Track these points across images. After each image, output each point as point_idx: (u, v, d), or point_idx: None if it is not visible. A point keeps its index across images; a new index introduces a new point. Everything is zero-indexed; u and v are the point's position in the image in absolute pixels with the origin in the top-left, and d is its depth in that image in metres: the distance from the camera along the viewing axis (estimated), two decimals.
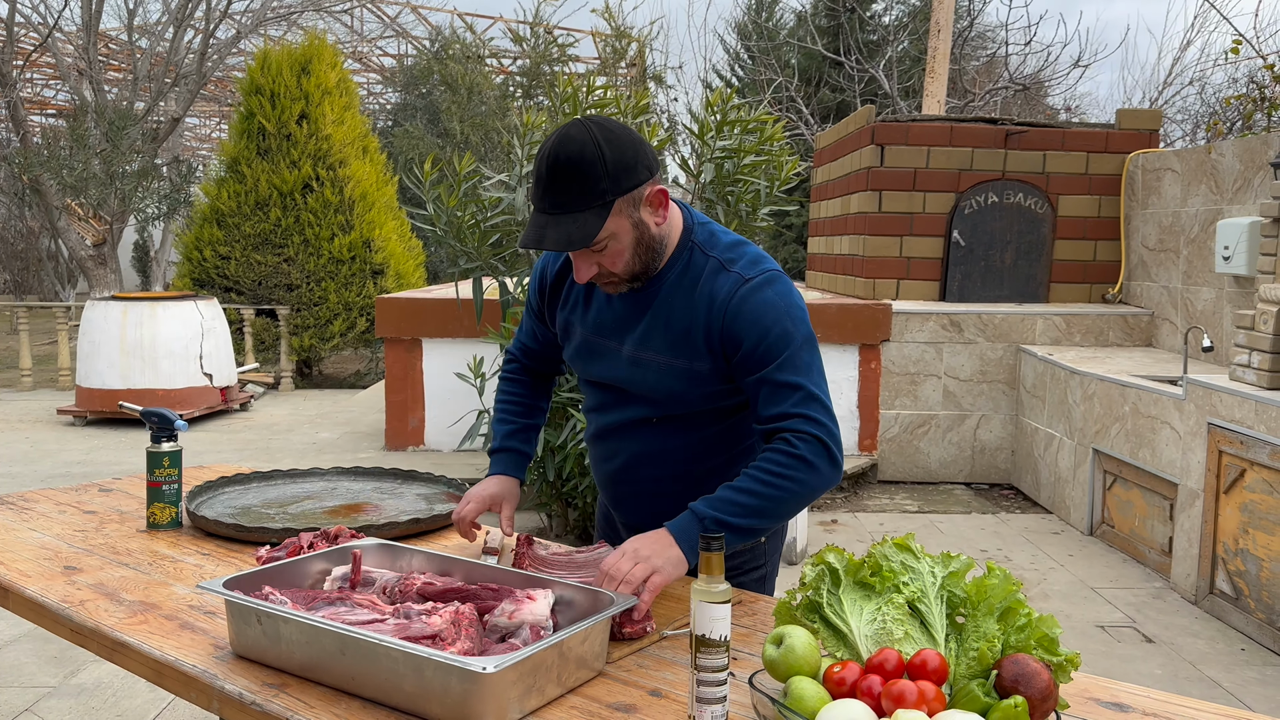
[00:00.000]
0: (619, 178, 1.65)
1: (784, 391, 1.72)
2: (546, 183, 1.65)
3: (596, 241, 1.67)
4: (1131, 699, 1.44)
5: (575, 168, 1.62)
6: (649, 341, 1.81)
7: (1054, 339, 6.65)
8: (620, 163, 1.64)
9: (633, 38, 12.95)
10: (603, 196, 1.64)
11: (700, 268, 1.79)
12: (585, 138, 1.64)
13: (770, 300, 1.74)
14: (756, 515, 1.69)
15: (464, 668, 1.27)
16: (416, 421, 6.97)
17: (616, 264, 1.73)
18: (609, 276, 1.75)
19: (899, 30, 14.53)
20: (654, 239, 1.75)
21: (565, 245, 1.65)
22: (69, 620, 1.69)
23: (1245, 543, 4.18)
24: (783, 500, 1.70)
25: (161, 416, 2.19)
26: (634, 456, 1.94)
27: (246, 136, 11.09)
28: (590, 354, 1.91)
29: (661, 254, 1.78)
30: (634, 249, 1.72)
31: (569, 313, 1.93)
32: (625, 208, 1.68)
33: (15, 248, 21.45)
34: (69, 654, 3.78)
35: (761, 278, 1.76)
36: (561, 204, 1.64)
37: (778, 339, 1.73)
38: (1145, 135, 7.07)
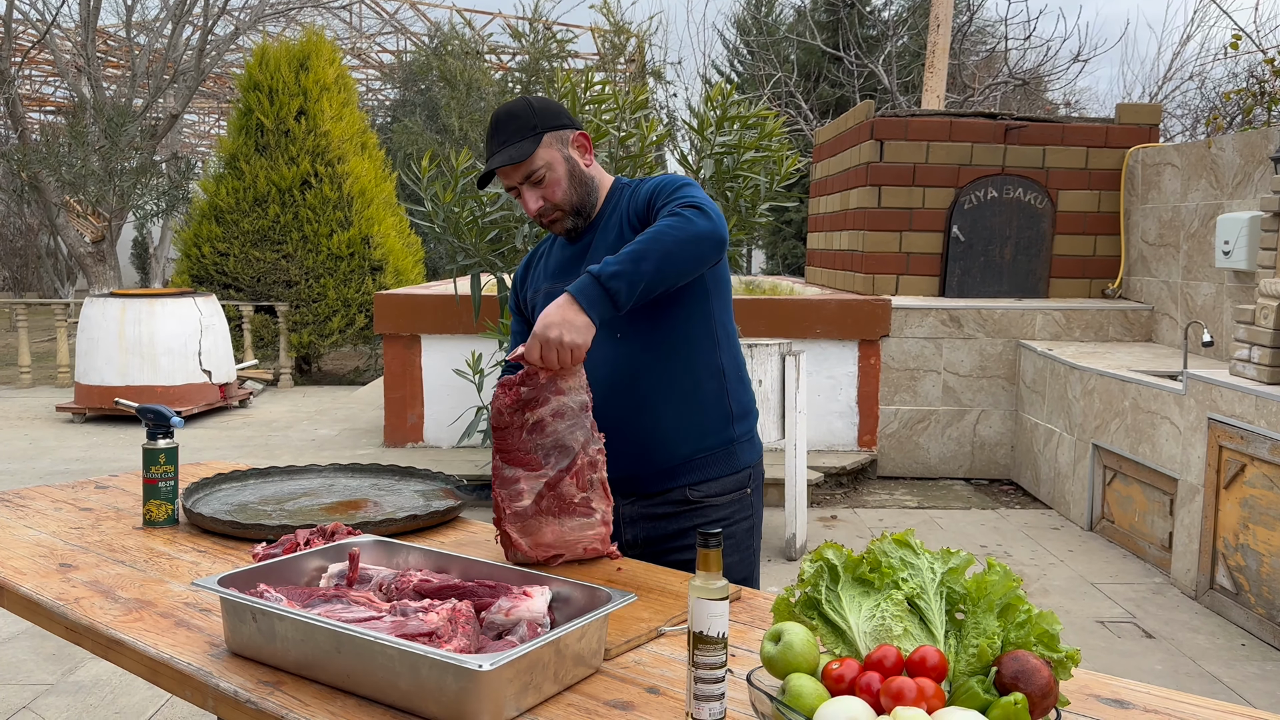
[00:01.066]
0: (545, 116, 2.02)
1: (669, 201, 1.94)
2: (491, 132, 2.03)
3: (534, 168, 2.00)
4: (1132, 695, 1.43)
5: (510, 113, 2.03)
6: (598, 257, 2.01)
7: (1054, 334, 6.64)
8: (546, 108, 2.04)
9: (632, 33, 12.93)
10: (534, 130, 2.00)
11: (627, 196, 2.09)
12: (520, 98, 2.07)
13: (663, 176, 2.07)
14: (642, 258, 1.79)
15: (460, 665, 1.26)
16: (415, 418, 6.96)
17: (556, 193, 2.03)
18: (553, 211, 2.05)
19: (898, 25, 14.50)
20: (584, 175, 2.07)
21: (506, 161, 1.98)
22: (64, 618, 1.68)
23: (1245, 538, 4.18)
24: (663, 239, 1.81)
25: (157, 413, 2.18)
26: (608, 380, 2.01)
27: (245, 133, 11.07)
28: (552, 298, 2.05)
29: (595, 192, 2.10)
30: (569, 180, 2.04)
31: (535, 279, 2.19)
32: (554, 142, 2.03)
33: (14, 245, 21.43)
34: (67, 651, 3.77)
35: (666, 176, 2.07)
36: (502, 140, 2.01)
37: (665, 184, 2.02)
38: (1145, 130, 7.06)
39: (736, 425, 2.11)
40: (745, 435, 2.14)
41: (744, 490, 2.13)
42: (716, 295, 2.07)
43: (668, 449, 2.05)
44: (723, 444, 2.09)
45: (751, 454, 2.16)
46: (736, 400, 2.12)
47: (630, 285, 1.76)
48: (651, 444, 2.04)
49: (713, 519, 2.08)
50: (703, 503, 2.08)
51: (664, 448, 2.05)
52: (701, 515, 2.07)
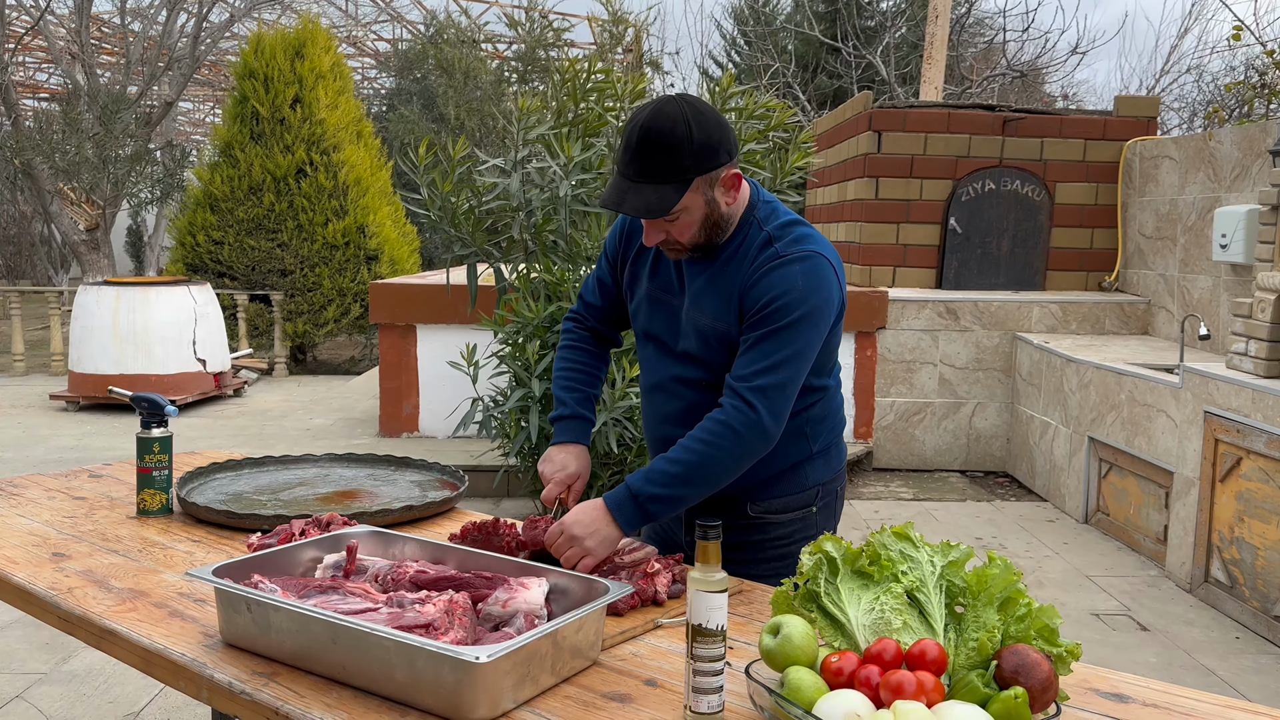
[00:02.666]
0: (701, 158, 1.76)
1: (753, 357, 1.79)
2: (635, 151, 1.76)
3: (672, 213, 1.78)
4: (1131, 689, 1.43)
5: (663, 142, 1.74)
6: (702, 303, 1.90)
7: (1050, 327, 6.64)
8: (705, 144, 1.75)
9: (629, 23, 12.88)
10: (684, 174, 1.75)
11: (754, 240, 1.88)
12: (678, 115, 1.74)
13: (792, 275, 1.81)
14: (685, 484, 1.75)
15: (456, 657, 1.25)
16: (410, 408, 6.94)
17: (684, 235, 1.84)
18: (674, 244, 1.86)
19: (897, 16, 14.46)
20: (722, 216, 1.85)
21: (643, 213, 1.78)
22: (56, 608, 1.67)
23: (1241, 531, 4.18)
24: (709, 468, 1.76)
25: (151, 402, 2.16)
26: (680, 413, 1.95)
27: (240, 121, 11.02)
28: (651, 305, 1.99)
29: (726, 230, 1.88)
30: (702, 224, 1.83)
31: (639, 266, 2.03)
32: (702, 186, 1.79)
33: (8, 232, 21.34)
34: (60, 640, 3.76)
35: (795, 254, 1.83)
36: (645, 173, 1.76)
37: (779, 308, 1.79)
38: (1143, 123, 7.05)
39: (811, 444, 1.98)
40: (819, 455, 2.00)
41: (808, 509, 2.00)
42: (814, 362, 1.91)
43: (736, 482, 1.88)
44: (790, 466, 1.97)
45: (823, 472, 2.02)
46: (816, 439, 1.99)
47: (667, 509, 1.76)
48: None
49: (771, 536, 1.97)
50: (761, 519, 1.97)
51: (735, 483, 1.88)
52: (760, 533, 1.97)
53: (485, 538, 1.87)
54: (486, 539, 1.87)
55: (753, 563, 1.93)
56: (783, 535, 1.97)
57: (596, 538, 1.70)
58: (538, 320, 4.47)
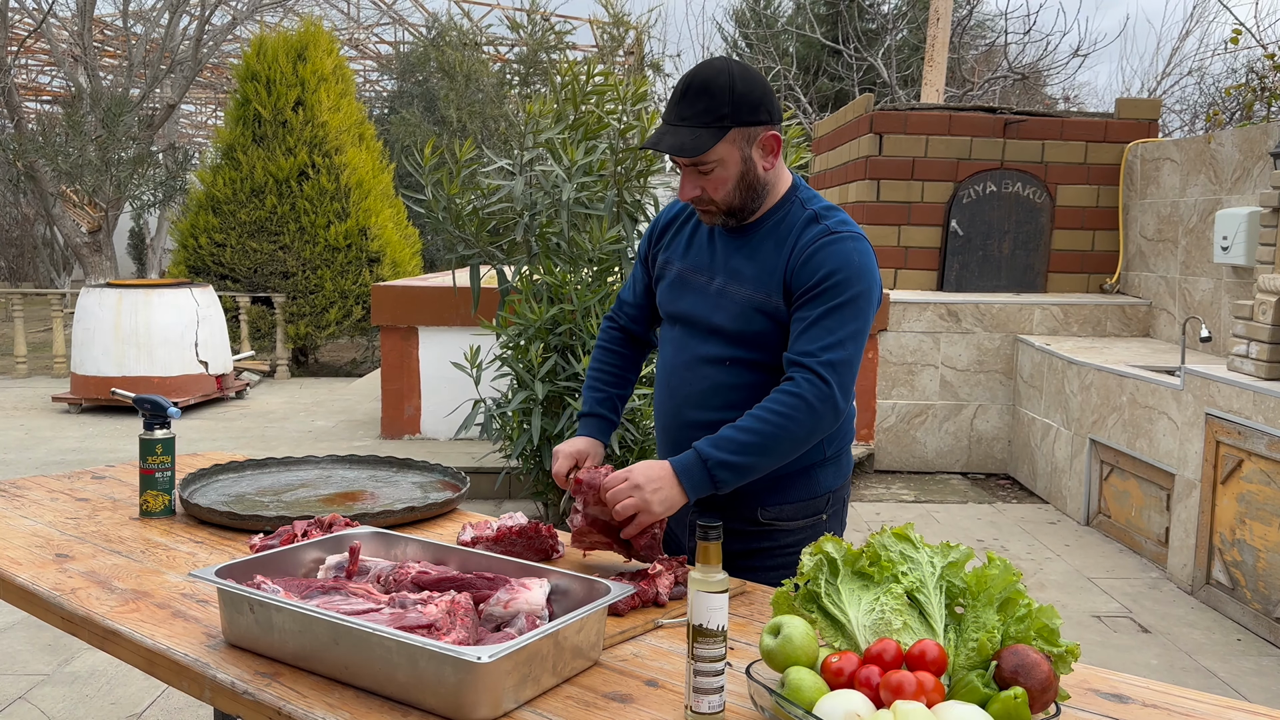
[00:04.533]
0: (740, 108, 1.78)
1: (818, 333, 1.79)
2: (678, 97, 1.80)
3: (706, 160, 1.80)
4: (1131, 690, 1.43)
5: (705, 88, 1.78)
6: (738, 276, 1.90)
7: (1051, 329, 6.64)
8: (746, 96, 1.79)
9: (631, 25, 12.89)
10: (722, 120, 1.78)
11: (797, 217, 1.90)
12: (723, 67, 1.80)
13: (847, 251, 1.83)
14: (754, 453, 1.75)
15: (458, 657, 1.26)
16: (412, 410, 6.95)
17: (718, 191, 1.84)
18: (708, 203, 1.87)
19: (898, 19, 14.47)
20: (758, 179, 1.86)
21: (678, 150, 1.78)
22: (60, 608, 1.68)
23: (1242, 533, 4.18)
24: (781, 440, 1.76)
25: (154, 403, 2.17)
26: (702, 394, 1.94)
27: (242, 123, 11.03)
28: (683, 286, 1.99)
29: (762, 197, 1.89)
30: (737, 182, 1.84)
31: (670, 252, 2.04)
32: (739, 139, 1.80)
33: (10, 234, 21.37)
34: (63, 642, 3.77)
35: (846, 232, 1.86)
36: (685, 117, 1.79)
37: (840, 282, 1.80)
38: (1144, 125, 7.05)
39: (825, 448, 1.97)
40: (831, 459, 2.00)
41: (819, 516, 1.99)
42: None
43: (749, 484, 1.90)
44: (802, 469, 1.96)
45: (834, 479, 2.01)
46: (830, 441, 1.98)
47: (735, 478, 1.75)
48: None
49: (781, 544, 1.96)
50: (772, 526, 1.96)
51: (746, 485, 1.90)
52: (770, 540, 1.96)
53: (526, 540, 1.87)
54: (528, 542, 1.87)
55: (760, 570, 1.91)
56: (792, 544, 1.95)
57: (659, 495, 1.70)
58: (540, 322, 4.48)
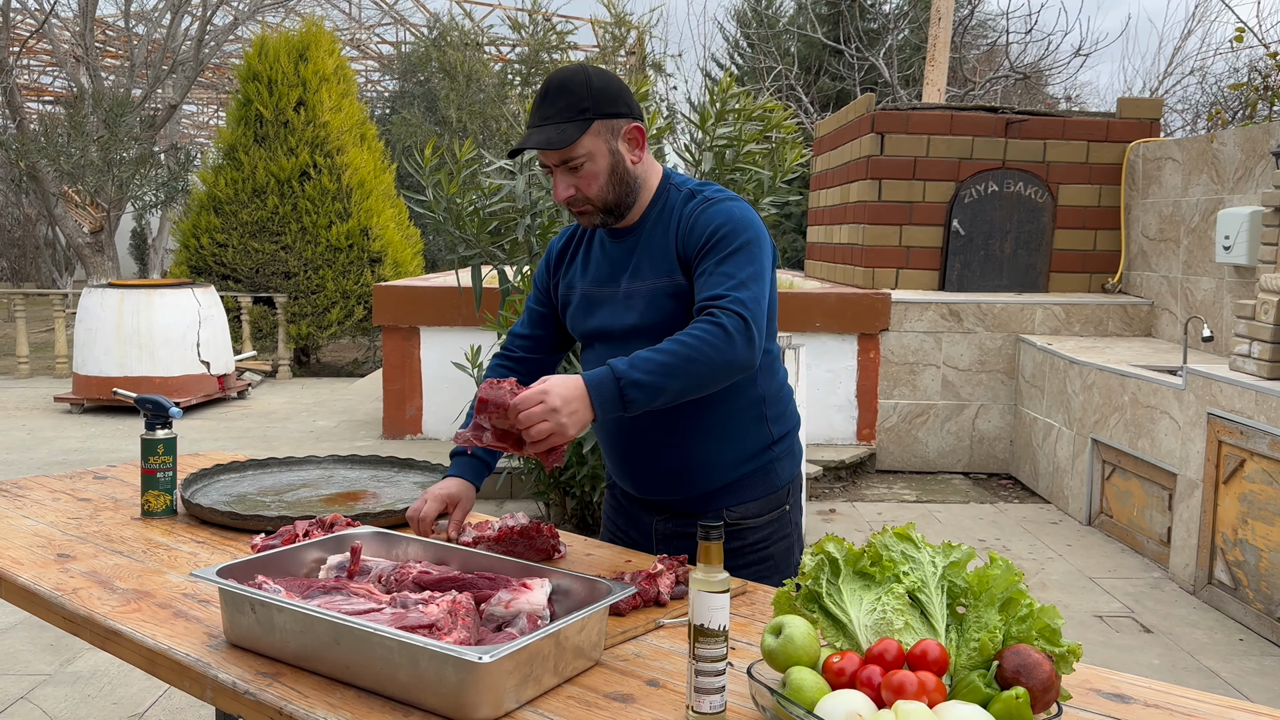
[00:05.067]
0: (601, 101, 1.84)
1: (719, 279, 1.80)
2: (539, 100, 1.85)
3: (574, 155, 1.83)
4: (1133, 690, 1.43)
5: (564, 86, 1.84)
6: (639, 273, 1.92)
7: (1053, 329, 6.64)
8: (604, 91, 1.85)
9: (632, 25, 12.89)
10: (584, 113, 1.83)
11: (675, 199, 1.94)
12: (578, 68, 1.86)
13: (727, 209, 1.87)
14: (670, 375, 1.69)
15: (459, 657, 1.26)
16: (414, 410, 6.95)
17: (591, 186, 1.87)
18: (584, 202, 1.89)
19: (899, 18, 14.46)
20: (628, 173, 1.90)
21: (546, 144, 1.81)
22: (61, 608, 1.68)
23: (1244, 533, 4.18)
24: (696, 362, 1.70)
25: (156, 403, 2.17)
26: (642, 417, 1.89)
27: (244, 123, 11.04)
28: (591, 305, 2.00)
29: (636, 191, 1.92)
30: (609, 176, 1.87)
31: (571, 276, 2.05)
32: (604, 131, 1.85)
33: (12, 235, 21.39)
34: (65, 641, 3.77)
35: (722, 195, 1.91)
36: (548, 116, 1.83)
37: (726, 234, 1.84)
38: (1146, 124, 7.04)
39: (776, 447, 2.01)
40: (784, 452, 2.03)
41: (783, 508, 2.03)
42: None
43: (704, 477, 1.97)
44: (761, 466, 1.99)
45: (791, 469, 2.04)
46: (776, 423, 2.01)
47: (647, 399, 1.69)
48: (686, 473, 1.96)
49: (749, 541, 1.98)
50: (739, 524, 1.97)
51: (699, 477, 1.97)
52: (738, 539, 1.97)
53: (528, 541, 1.87)
54: (530, 542, 1.87)
55: (732, 569, 1.90)
56: (759, 540, 1.98)
57: (575, 419, 1.64)
58: None
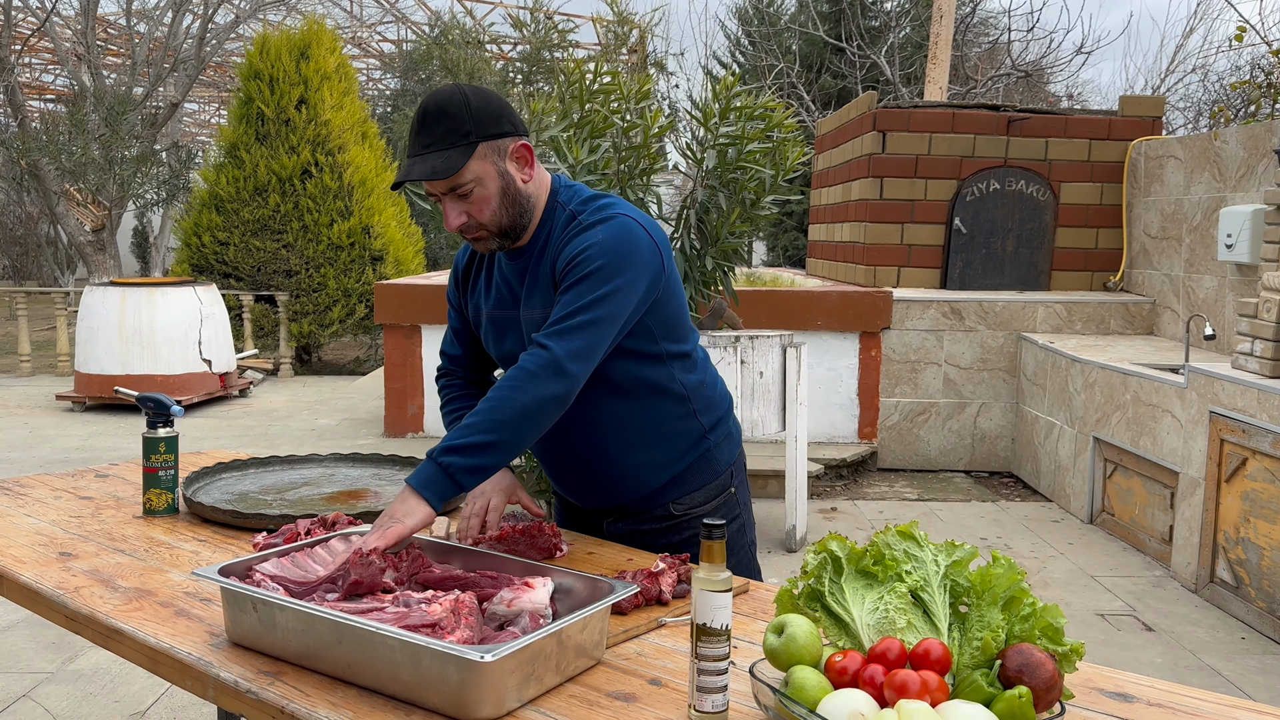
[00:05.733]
0: (483, 122, 1.75)
1: (557, 311, 1.76)
2: (417, 127, 1.75)
3: (462, 181, 1.74)
4: (1136, 689, 1.42)
5: (442, 110, 1.74)
6: (532, 299, 1.87)
7: (1055, 327, 6.63)
8: (485, 111, 1.76)
9: (634, 23, 12.89)
10: (467, 137, 1.74)
11: (559, 221, 1.86)
12: (453, 89, 1.77)
13: (592, 234, 1.79)
14: (482, 432, 1.68)
15: (461, 656, 1.26)
16: (416, 408, 6.96)
17: (483, 212, 1.78)
18: (478, 229, 1.81)
19: (901, 16, 14.45)
20: (520, 193, 1.81)
21: (431, 175, 1.73)
22: (63, 607, 1.68)
23: (1246, 531, 4.18)
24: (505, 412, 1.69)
25: (158, 402, 2.17)
26: (562, 427, 1.91)
27: (245, 122, 11.04)
28: (498, 329, 1.95)
29: (530, 212, 1.84)
30: (500, 199, 1.79)
31: (475, 298, 1.99)
32: (490, 154, 1.76)
33: (14, 233, 21.41)
34: (66, 640, 3.77)
35: (596, 219, 1.81)
36: (429, 144, 1.74)
37: (579, 262, 1.76)
38: (1148, 122, 7.04)
39: (711, 435, 2.01)
40: (721, 438, 2.03)
41: (728, 491, 2.04)
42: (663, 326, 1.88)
43: (642, 480, 1.97)
44: (699, 456, 1.99)
45: (730, 451, 2.05)
46: (706, 413, 2.00)
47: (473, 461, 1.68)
48: (624, 483, 1.97)
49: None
50: (687, 515, 1.99)
51: (638, 483, 1.97)
52: (690, 528, 1.98)
53: (530, 539, 1.85)
54: (531, 540, 1.85)
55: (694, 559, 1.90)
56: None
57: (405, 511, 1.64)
58: None
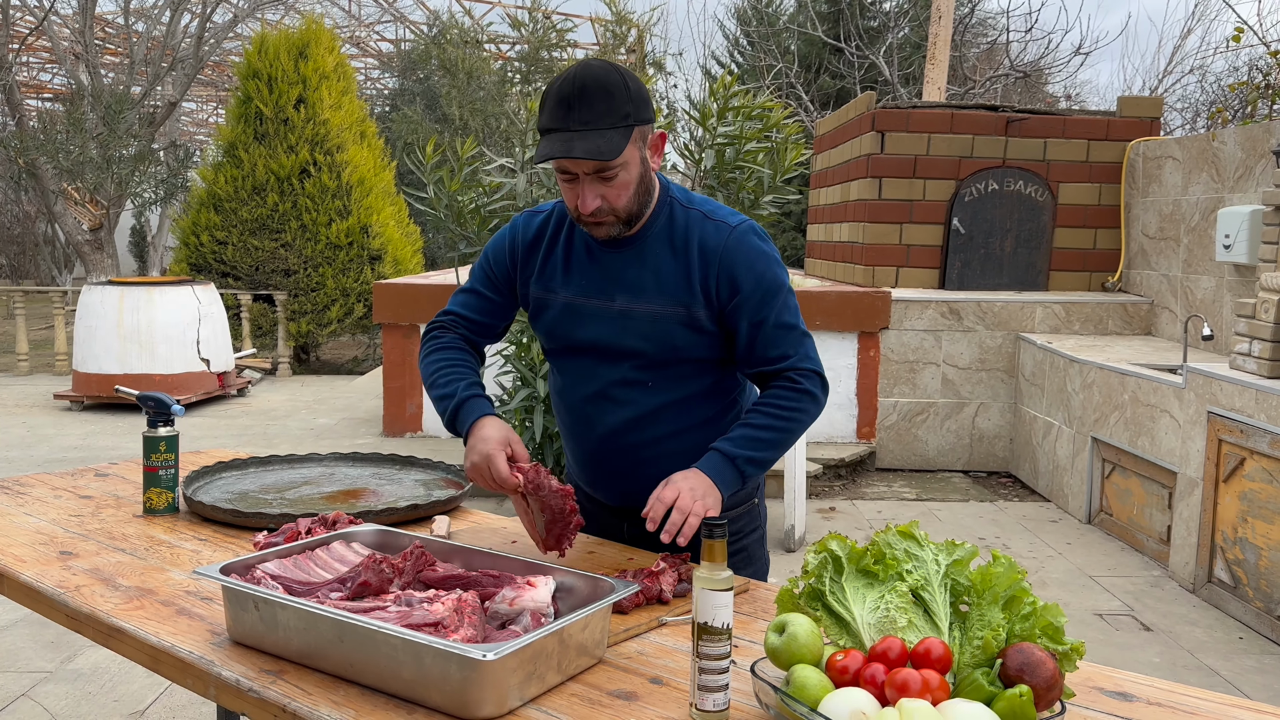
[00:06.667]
0: (640, 106, 1.74)
1: (782, 333, 1.85)
2: (575, 99, 1.68)
3: (612, 166, 1.72)
4: (1136, 688, 1.43)
5: (604, 88, 1.69)
6: (641, 293, 1.84)
7: (1053, 327, 6.64)
8: (640, 94, 1.74)
9: (633, 23, 12.89)
10: (626, 119, 1.71)
11: (683, 220, 1.86)
12: (609, 67, 1.73)
13: (759, 247, 1.86)
14: (774, 448, 1.83)
15: (463, 655, 1.26)
16: (414, 408, 6.95)
17: (620, 198, 1.76)
18: (607, 213, 1.77)
19: (900, 16, 14.46)
20: (650, 182, 1.82)
21: (597, 154, 1.68)
22: (64, 606, 1.68)
23: (1244, 531, 4.18)
24: (793, 432, 1.85)
25: (158, 401, 2.17)
26: (625, 420, 1.90)
27: (244, 121, 11.04)
28: (576, 317, 1.90)
29: (650, 203, 1.84)
30: (636, 185, 1.78)
31: (546, 281, 1.92)
32: (638, 139, 1.75)
33: (12, 232, 21.38)
34: (66, 639, 3.77)
35: (744, 225, 1.88)
36: (588, 120, 1.68)
37: (772, 284, 1.85)
38: (1146, 123, 7.04)
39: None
40: None
41: (752, 500, 2.04)
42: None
43: None
44: None
45: None
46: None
47: (757, 471, 1.83)
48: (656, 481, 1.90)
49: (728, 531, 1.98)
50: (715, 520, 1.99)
51: None
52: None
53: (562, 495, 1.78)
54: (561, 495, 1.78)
55: None
56: (735, 531, 2.01)
57: (711, 496, 1.74)
58: None
